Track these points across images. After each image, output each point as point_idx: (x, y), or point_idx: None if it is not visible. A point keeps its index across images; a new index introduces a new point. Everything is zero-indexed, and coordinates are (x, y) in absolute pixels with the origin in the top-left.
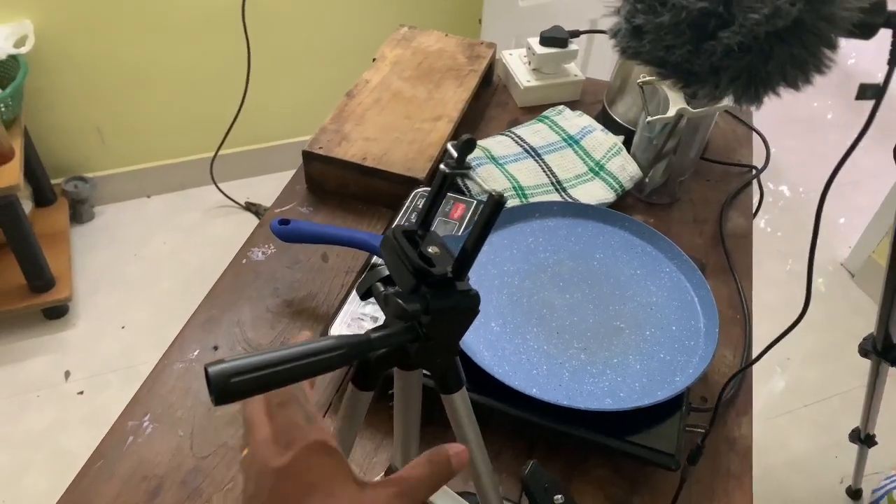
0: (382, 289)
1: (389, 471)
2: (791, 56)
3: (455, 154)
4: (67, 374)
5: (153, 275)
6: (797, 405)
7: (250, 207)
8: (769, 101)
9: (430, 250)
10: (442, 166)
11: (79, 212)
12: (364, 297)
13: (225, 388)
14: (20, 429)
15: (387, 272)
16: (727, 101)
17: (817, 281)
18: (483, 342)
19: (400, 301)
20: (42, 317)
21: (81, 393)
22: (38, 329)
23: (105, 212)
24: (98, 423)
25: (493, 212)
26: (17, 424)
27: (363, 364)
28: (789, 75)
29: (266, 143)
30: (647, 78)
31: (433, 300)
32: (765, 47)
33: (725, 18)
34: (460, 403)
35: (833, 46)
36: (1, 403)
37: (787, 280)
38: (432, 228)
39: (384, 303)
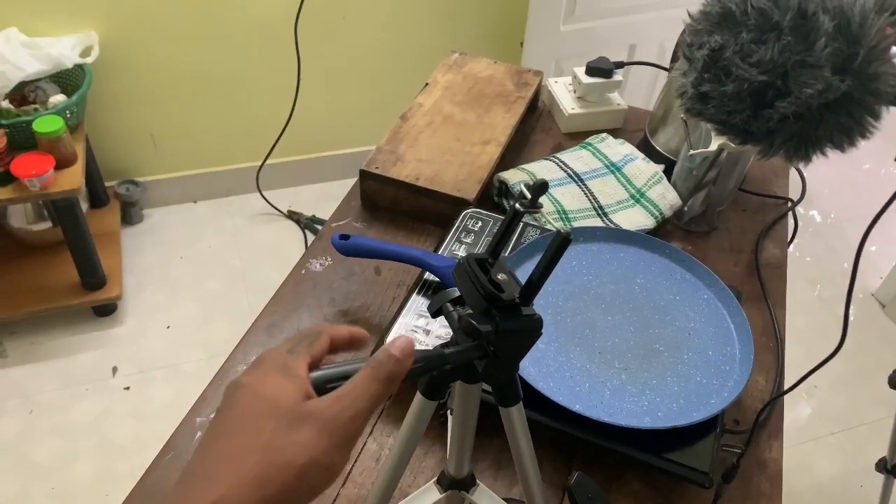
0: (452, 309)
1: (442, 476)
2: (839, 124)
3: (529, 195)
4: (115, 369)
5: (197, 276)
6: (824, 432)
7: (292, 216)
8: None
9: (499, 277)
10: (517, 206)
11: (129, 214)
12: (435, 315)
13: (323, 392)
14: (70, 419)
15: (455, 294)
16: None
17: None
18: (529, 359)
19: (473, 322)
20: (92, 314)
21: (128, 388)
22: (88, 325)
23: (153, 214)
24: (142, 418)
25: (559, 247)
26: (68, 414)
27: (433, 376)
28: (836, 139)
29: (309, 154)
30: None
31: (502, 322)
32: (816, 115)
33: (782, 90)
34: (517, 416)
35: (877, 116)
36: (53, 394)
37: (816, 305)
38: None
39: (457, 322)
